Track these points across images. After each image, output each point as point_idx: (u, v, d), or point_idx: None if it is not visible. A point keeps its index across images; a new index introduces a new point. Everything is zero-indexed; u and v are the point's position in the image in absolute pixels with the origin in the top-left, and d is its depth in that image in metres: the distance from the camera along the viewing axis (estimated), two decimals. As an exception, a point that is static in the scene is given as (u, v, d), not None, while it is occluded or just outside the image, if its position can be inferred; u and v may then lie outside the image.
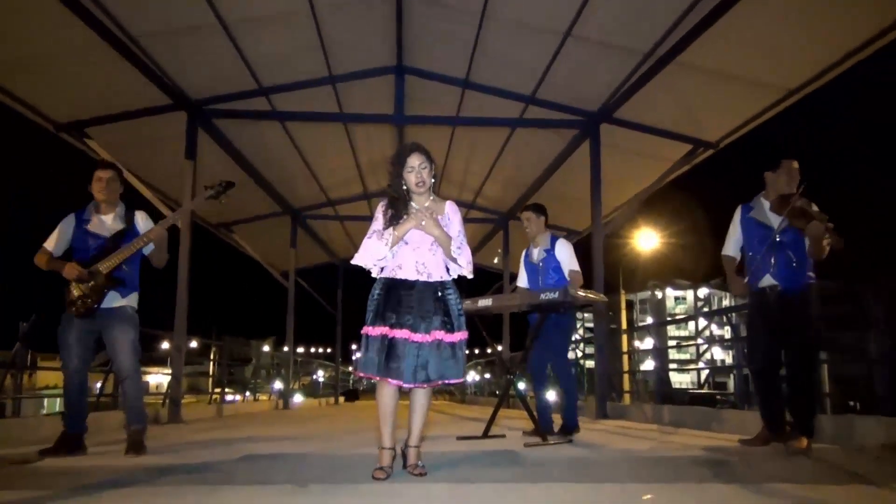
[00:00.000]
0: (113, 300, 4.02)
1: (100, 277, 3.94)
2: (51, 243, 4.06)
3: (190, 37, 7.14)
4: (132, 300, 4.15)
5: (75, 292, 3.92)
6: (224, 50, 7.51)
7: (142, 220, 4.21)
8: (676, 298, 59.19)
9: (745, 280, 4.31)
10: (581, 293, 4.53)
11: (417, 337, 3.03)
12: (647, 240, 21.67)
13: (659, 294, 57.98)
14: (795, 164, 4.25)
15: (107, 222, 4.13)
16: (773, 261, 4.14)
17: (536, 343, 5.09)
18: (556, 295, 4.39)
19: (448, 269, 3.26)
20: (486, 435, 5.01)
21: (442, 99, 9.72)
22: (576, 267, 5.14)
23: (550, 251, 5.19)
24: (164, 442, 4.86)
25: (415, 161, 3.20)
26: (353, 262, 3.22)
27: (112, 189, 4.15)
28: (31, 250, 4.08)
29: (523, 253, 5.53)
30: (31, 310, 6.15)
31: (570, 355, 5.59)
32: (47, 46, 6.51)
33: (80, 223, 4.10)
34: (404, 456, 3.20)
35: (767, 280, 4.17)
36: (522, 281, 5.45)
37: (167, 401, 8.19)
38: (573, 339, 5.67)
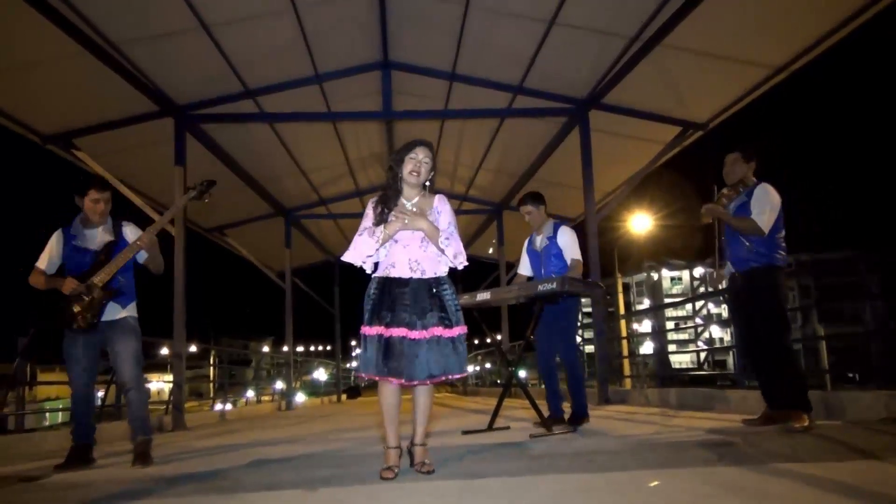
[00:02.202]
0: (114, 312, 4.06)
1: (97, 291, 3.96)
2: (43, 262, 4.07)
3: (173, 41, 7.10)
4: (132, 310, 4.18)
5: (75, 308, 3.93)
6: (208, 53, 7.47)
7: (130, 231, 4.22)
8: (672, 279, 59.37)
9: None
10: (578, 282, 4.54)
11: (415, 334, 3.04)
12: (640, 222, 21.70)
13: (655, 275, 58.19)
14: (725, 159, 4.57)
15: (94, 236, 4.14)
16: (731, 247, 4.49)
17: (542, 333, 5.09)
18: (554, 285, 4.41)
19: (441, 265, 3.26)
20: (490, 428, 5.04)
21: (430, 92, 9.71)
22: (577, 255, 5.10)
23: (553, 238, 5.15)
24: (170, 450, 4.86)
25: (420, 153, 3.23)
26: (342, 258, 3.24)
27: (106, 210, 4.19)
28: (26, 263, 4.08)
29: (526, 241, 5.48)
30: (29, 324, 6.13)
31: (577, 340, 5.51)
32: (27, 57, 6.47)
33: (68, 239, 4.11)
34: (411, 454, 3.22)
35: (729, 266, 4.53)
36: (524, 268, 5.42)
37: (170, 408, 8.20)
38: (578, 323, 5.65)
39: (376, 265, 3.24)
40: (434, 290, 3.15)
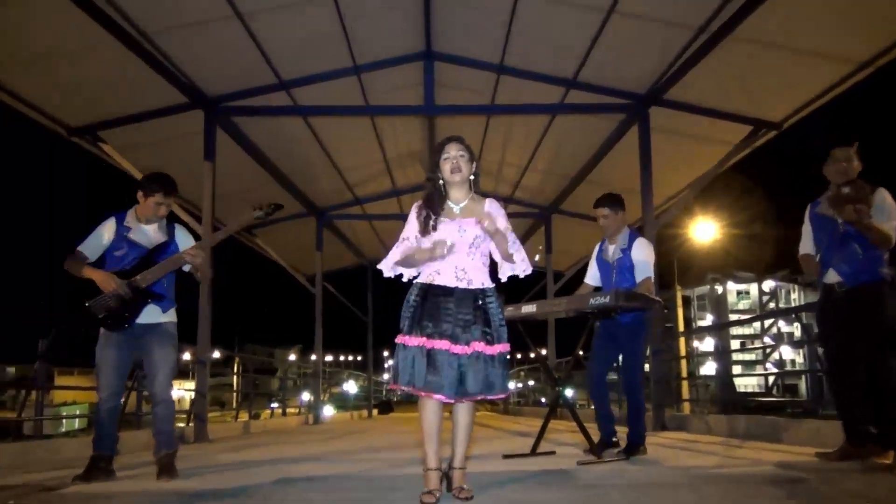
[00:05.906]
0: (153, 315, 4.08)
1: (138, 291, 3.99)
2: (87, 248, 4.06)
3: (204, 31, 7.29)
4: (172, 315, 4.22)
5: (112, 305, 3.96)
6: (241, 43, 7.65)
7: (182, 235, 4.28)
8: (739, 293, 58.05)
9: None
10: (633, 296, 4.48)
11: (457, 348, 3.04)
12: (704, 230, 21.30)
13: (719, 289, 56.91)
14: (839, 154, 4.28)
15: (149, 233, 4.16)
16: (838, 255, 4.21)
17: (598, 348, 5.04)
18: (607, 299, 4.38)
19: (489, 275, 3.28)
20: (534, 452, 5.03)
21: (475, 86, 9.75)
22: (650, 273, 4.90)
23: (627, 250, 4.98)
24: (192, 463, 4.95)
25: (451, 150, 3.27)
26: (378, 266, 3.32)
27: (166, 213, 4.25)
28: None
29: (596, 247, 5.33)
30: (51, 323, 6.31)
31: (644, 363, 5.36)
32: (55, 45, 6.71)
33: (120, 229, 4.11)
34: (448, 478, 3.23)
35: (831, 275, 4.26)
36: (591, 278, 5.25)
37: (192, 417, 8.38)
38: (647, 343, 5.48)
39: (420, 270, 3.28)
40: (479, 302, 3.15)
